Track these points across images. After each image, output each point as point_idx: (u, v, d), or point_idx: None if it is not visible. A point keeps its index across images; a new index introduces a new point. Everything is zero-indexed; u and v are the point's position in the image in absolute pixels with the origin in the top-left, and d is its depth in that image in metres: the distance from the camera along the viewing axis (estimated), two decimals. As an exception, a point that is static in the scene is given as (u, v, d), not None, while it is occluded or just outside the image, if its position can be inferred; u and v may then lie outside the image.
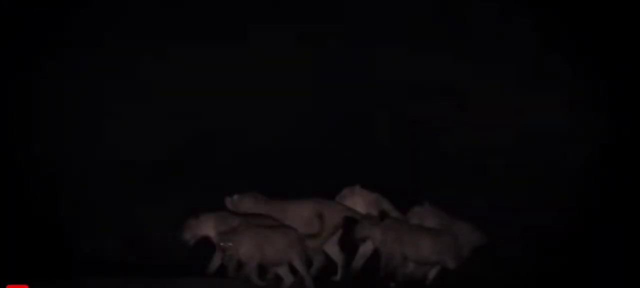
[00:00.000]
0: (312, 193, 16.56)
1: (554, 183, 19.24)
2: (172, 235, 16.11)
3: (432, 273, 16.43)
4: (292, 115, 19.89)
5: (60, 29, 19.93)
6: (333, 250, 16.58)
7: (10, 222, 18.31)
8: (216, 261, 15.89)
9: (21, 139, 19.44)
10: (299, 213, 16.29)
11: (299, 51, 20.20)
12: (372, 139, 19.98)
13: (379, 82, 20.18)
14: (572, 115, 19.84)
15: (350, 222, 16.25)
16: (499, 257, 16.91)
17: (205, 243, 15.99)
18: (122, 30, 19.96)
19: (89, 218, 18.79)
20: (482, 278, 16.71)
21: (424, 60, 20.05)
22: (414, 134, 19.96)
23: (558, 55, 20.04)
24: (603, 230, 18.30)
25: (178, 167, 19.41)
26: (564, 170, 19.40)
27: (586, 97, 19.77)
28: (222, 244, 15.28)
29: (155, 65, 19.90)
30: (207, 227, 16.00)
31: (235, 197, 16.44)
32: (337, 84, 20.15)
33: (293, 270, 15.86)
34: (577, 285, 17.00)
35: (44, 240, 18.17)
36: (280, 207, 16.40)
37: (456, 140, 19.93)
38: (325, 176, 18.35)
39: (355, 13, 20.48)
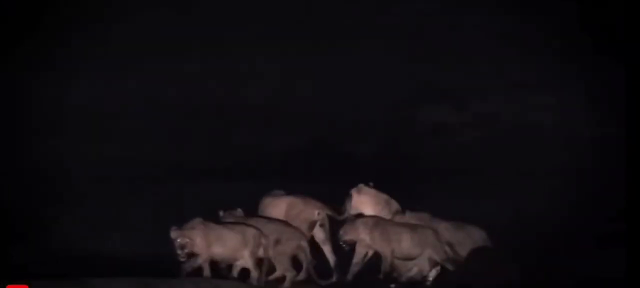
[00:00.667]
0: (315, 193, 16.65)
1: (554, 183, 19.30)
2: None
3: (432, 274, 16.43)
4: (294, 118, 20.01)
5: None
6: (326, 250, 16.61)
7: (11, 222, 18.32)
8: (191, 262, 15.90)
9: (21, 140, 19.46)
10: (277, 210, 16.39)
11: (300, 52, 20.31)
12: (373, 140, 20.08)
13: (380, 84, 20.26)
14: (571, 115, 19.93)
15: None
16: (499, 257, 16.91)
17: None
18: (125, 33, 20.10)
19: (89, 219, 18.81)
20: (482, 278, 16.70)
21: (424, 63, 20.16)
22: (415, 135, 20.07)
23: (556, 56, 20.17)
24: (603, 229, 18.38)
25: (180, 167, 19.45)
26: (563, 170, 19.49)
27: (586, 97, 19.87)
28: (179, 241, 15.37)
29: (163, 65, 20.01)
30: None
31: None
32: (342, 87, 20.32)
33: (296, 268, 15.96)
34: (577, 284, 17.04)
35: (43, 241, 18.19)
36: (268, 204, 16.51)
37: (456, 140, 20.00)
38: (327, 176, 18.40)
39: (356, 16, 20.60)
